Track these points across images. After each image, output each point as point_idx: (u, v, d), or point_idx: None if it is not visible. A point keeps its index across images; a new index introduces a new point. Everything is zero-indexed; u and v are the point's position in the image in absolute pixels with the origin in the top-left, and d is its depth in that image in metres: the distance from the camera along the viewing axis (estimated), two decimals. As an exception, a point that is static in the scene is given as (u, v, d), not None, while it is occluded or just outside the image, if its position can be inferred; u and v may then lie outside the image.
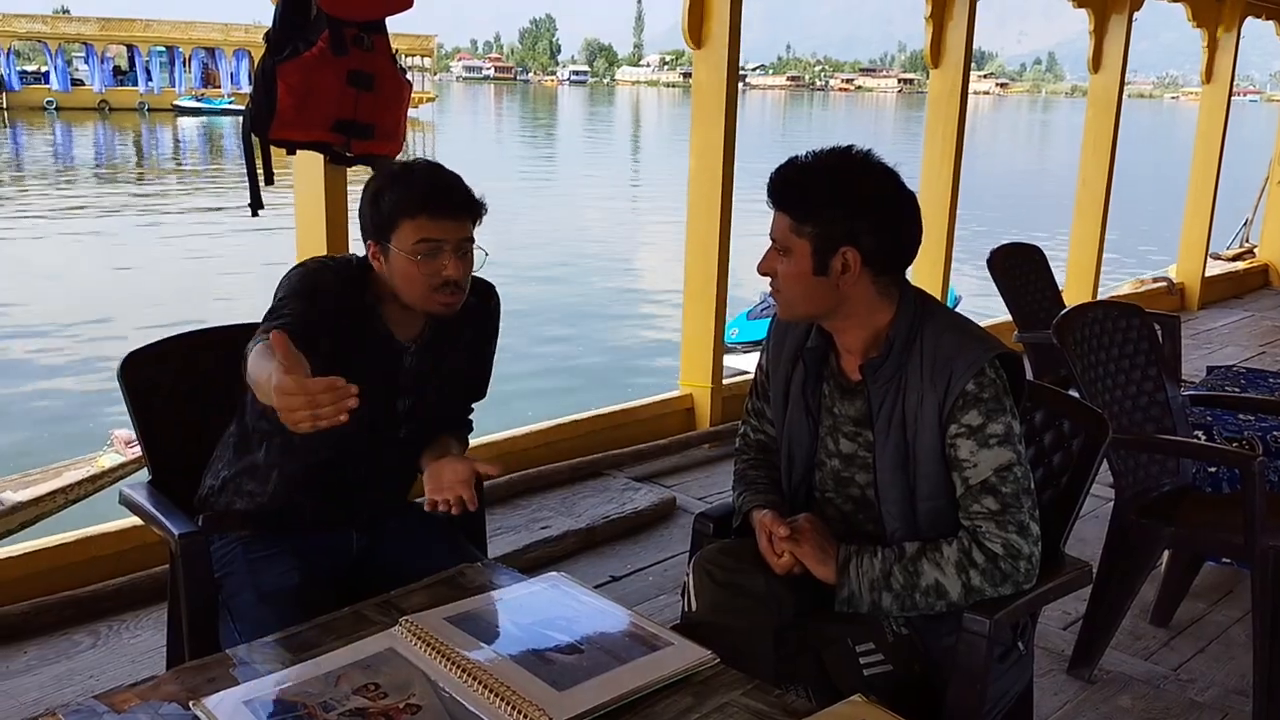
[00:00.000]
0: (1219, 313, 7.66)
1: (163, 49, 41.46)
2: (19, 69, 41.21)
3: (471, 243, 1.82)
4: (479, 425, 2.15)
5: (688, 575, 1.80)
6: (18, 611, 2.73)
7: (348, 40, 2.55)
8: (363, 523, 1.98)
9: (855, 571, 1.69)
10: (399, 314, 1.85)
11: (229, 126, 35.13)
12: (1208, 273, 7.96)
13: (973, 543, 1.66)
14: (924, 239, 1.75)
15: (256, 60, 2.62)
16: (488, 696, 1.31)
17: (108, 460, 5.28)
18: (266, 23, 2.56)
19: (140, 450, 2.06)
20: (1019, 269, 4.49)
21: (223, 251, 14.34)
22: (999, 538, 1.65)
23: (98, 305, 11.37)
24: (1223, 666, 2.83)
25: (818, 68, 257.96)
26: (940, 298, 5.17)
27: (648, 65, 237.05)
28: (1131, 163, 10.45)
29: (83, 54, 41.21)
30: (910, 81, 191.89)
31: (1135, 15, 6.48)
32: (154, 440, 2.01)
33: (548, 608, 1.59)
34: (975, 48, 5.54)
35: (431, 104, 47.23)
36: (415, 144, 31.23)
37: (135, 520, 2.11)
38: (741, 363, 7.03)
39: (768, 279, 1.76)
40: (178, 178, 24.57)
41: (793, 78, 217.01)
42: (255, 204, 2.72)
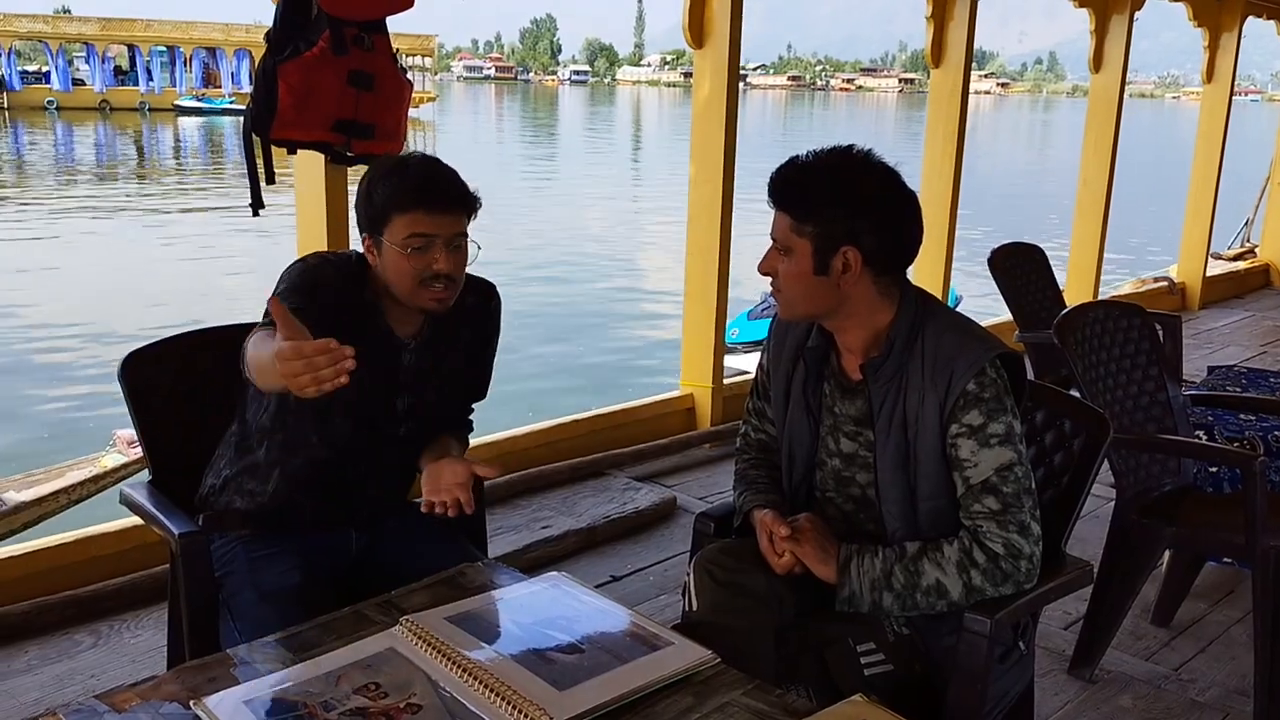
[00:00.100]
0: (1220, 312, 7.66)
1: (164, 49, 41.47)
2: (20, 69, 41.20)
3: (465, 237, 1.81)
4: (480, 425, 2.15)
5: (688, 575, 1.80)
6: (18, 611, 2.73)
7: (348, 40, 2.54)
8: (363, 522, 1.98)
9: (856, 571, 1.69)
10: (398, 310, 1.84)
11: (230, 126, 35.12)
12: (1209, 272, 7.96)
13: (974, 542, 1.66)
14: (924, 239, 1.75)
15: (257, 60, 2.62)
16: (488, 696, 1.31)
17: (110, 460, 5.27)
18: (267, 22, 2.56)
19: (141, 450, 2.06)
20: (1020, 269, 4.49)
21: (225, 252, 14.33)
22: (1000, 537, 1.65)
23: (99, 306, 11.35)
24: (1224, 666, 2.83)
25: (818, 67, 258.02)
26: (941, 297, 5.17)
27: (648, 65, 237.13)
28: (1133, 163, 10.44)
29: (84, 54, 41.21)
30: (911, 81, 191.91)
31: (1136, 15, 6.48)
32: (154, 440, 2.01)
33: (548, 607, 1.59)
34: (976, 47, 5.54)
35: (432, 104, 47.23)
36: (416, 144, 31.11)
37: (136, 520, 2.11)
38: (742, 363, 7.03)
39: (768, 279, 1.76)
40: (178, 177, 24.58)
41: (793, 77, 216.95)
42: (256, 204, 2.72)
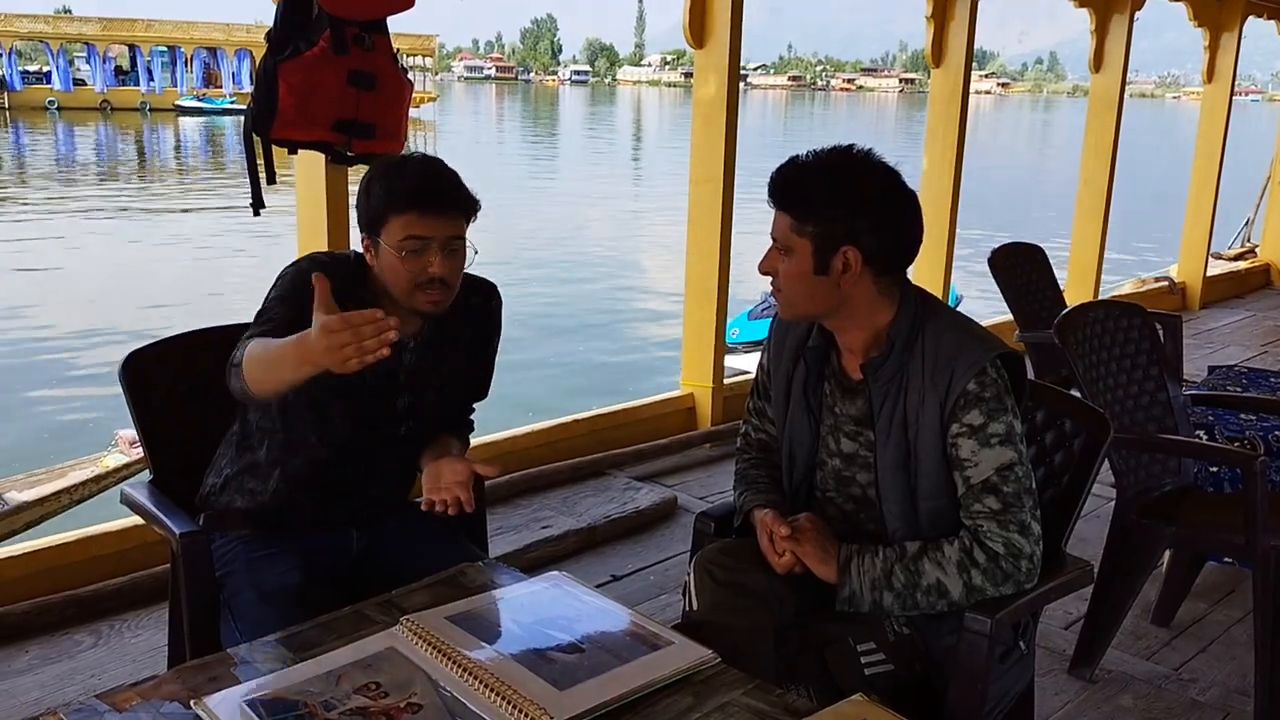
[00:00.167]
0: (1220, 312, 7.66)
1: (164, 49, 41.47)
2: (21, 69, 41.19)
3: (462, 240, 1.79)
4: (481, 425, 2.15)
5: (689, 574, 1.80)
6: (19, 611, 2.73)
7: (349, 40, 2.54)
8: (363, 522, 1.98)
9: (856, 571, 1.69)
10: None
11: (231, 126, 35.13)
12: (1209, 272, 7.97)
13: (974, 542, 1.66)
14: (925, 239, 1.75)
15: (258, 60, 2.62)
16: (489, 695, 1.31)
17: (112, 460, 5.28)
18: (268, 22, 2.56)
19: (142, 450, 2.06)
20: (1020, 268, 4.49)
21: (228, 252, 14.33)
22: (1000, 537, 1.65)
23: (102, 306, 11.34)
24: (1224, 666, 2.83)
25: (819, 67, 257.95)
26: (941, 297, 5.17)
27: (649, 65, 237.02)
28: (1133, 162, 10.44)
29: (84, 54, 41.22)
30: (912, 81, 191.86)
31: (1137, 15, 6.48)
32: (155, 440, 2.02)
33: (549, 607, 1.59)
34: (976, 47, 5.54)
35: (433, 104, 47.24)
36: (416, 143, 31.19)
37: (136, 520, 2.11)
38: (742, 362, 7.02)
39: (769, 278, 1.76)
40: (179, 177, 24.58)
41: (794, 77, 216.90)
42: (257, 203, 2.72)
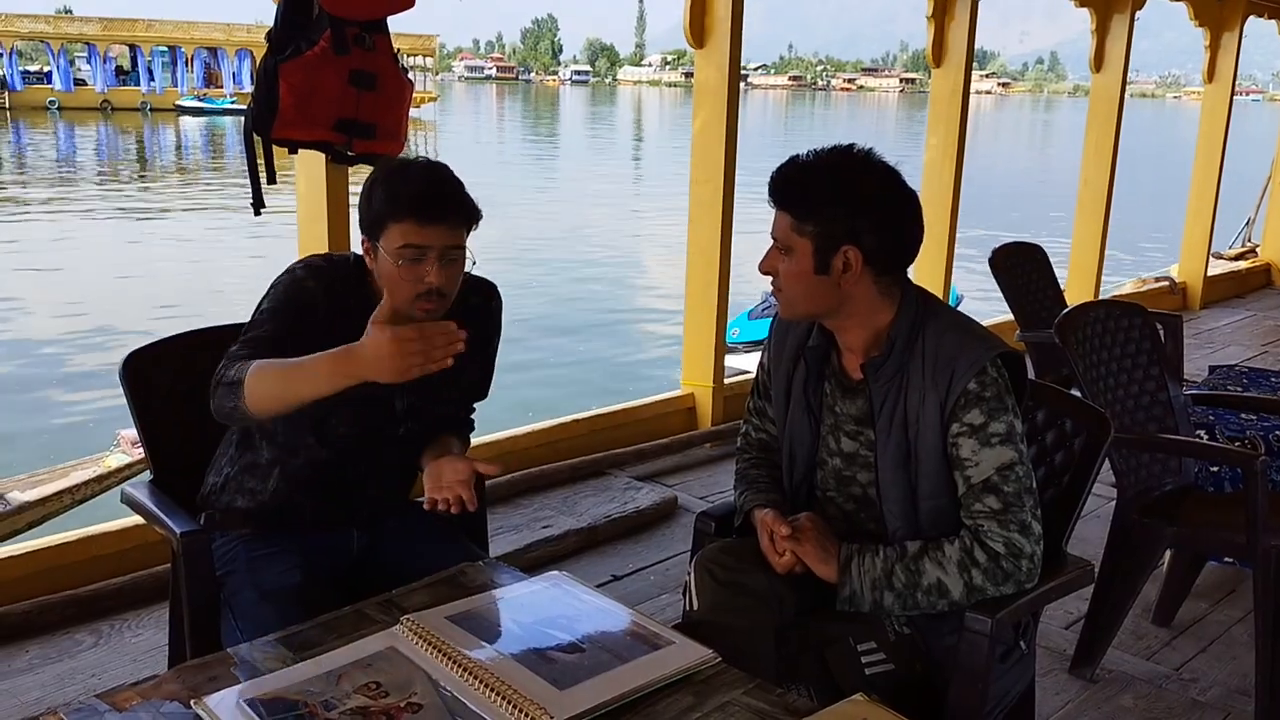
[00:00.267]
0: (1221, 312, 7.66)
1: (165, 49, 41.48)
2: (21, 69, 41.19)
3: (461, 250, 1.77)
4: (481, 425, 2.15)
5: (689, 574, 1.80)
6: (19, 611, 2.73)
7: (349, 40, 2.54)
8: (364, 521, 1.97)
9: (857, 570, 1.69)
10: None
11: (231, 126, 35.14)
12: (1210, 272, 7.97)
13: (975, 542, 1.66)
14: (925, 238, 1.75)
15: (259, 60, 2.62)
16: (489, 695, 1.31)
17: (114, 460, 5.28)
18: (268, 22, 2.56)
19: (143, 450, 2.06)
20: (1021, 268, 4.49)
21: (231, 252, 14.33)
22: (1001, 536, 1.65)
23: (104, 307, 11.34)
24: (1225, 666, 2.83)
25: (819, 67, 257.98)
26: (942, 297, 5.17)
27: (649, 65, 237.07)
28: (1134, 162, 10.44)
29: (85, 54, 41.22)
30: (912, 81, 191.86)
31: (1137, 14, 6.48)
32: (155, 439, 2.02)
33: (549, 607, 1.59)
34: (977, 47, 5.54)
35: (433, 104, 47.24)
36: (417, 143, 31.24)
37: (137, 519, 2.11)
38: (743, 362, 7.03)
39: (769, 278, 1.76)
40: (180, 177, 24.59)
41: (794, 77, 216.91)
42: (257, 203, 2.72)
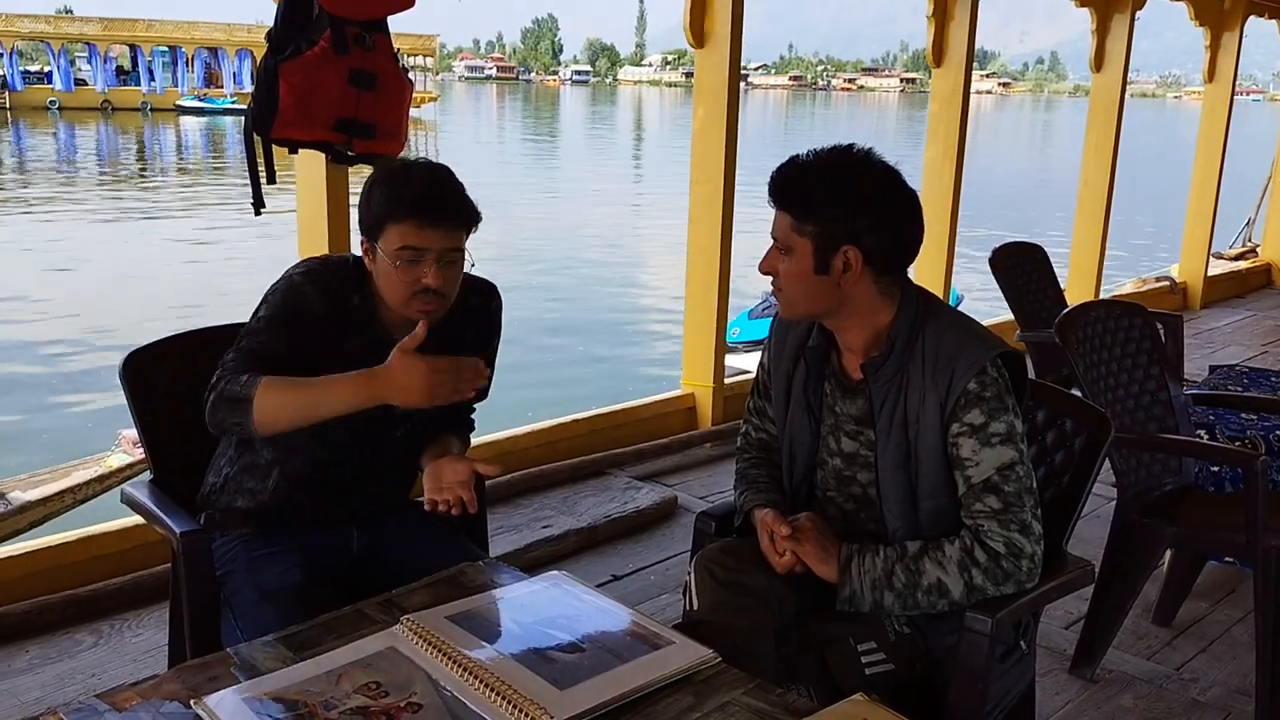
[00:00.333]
0: (1221, 312, 7.66)
1: (165, 49, 41.48)
2: (22, 69, 41.20)
3: (460, 252, 1.78)
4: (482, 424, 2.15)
5: (689, 574, 1.80)
6: (20, 610, 2.73)
7: (349, 39, 2.54)
8: (363, 521, 1.97)
9: (857, 570, 1.69)
10: (396, 316, 1.83)
11: (231, 126, 35.13)
12: (1210, 272, 7.97)
13: (975, 541, 1.66)
14: (925, 238, 1.75)
15: (259, 60, 2.62)
16: (489, 695, 1.31)
17: (116, 460, 5.27)
18: (269, 22, 2.56)
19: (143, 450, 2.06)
20: (1021, 268, 4.49)
21: (232, 251, 14.32)
22: (1001, 536, 1.65)
23: (107, 307, 11.33)
24: (1225, 666, 2.83)
25: (820, 67, 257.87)
26: (942, 297, 5.17)
27: (650, 65, 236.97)
28: (1134, 162, 10.43)
29: (85, 54, 41.22)
30: (913, 81, 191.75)
31: (1137, 14, 6.48)
32: (155, 439, 2.01)
33: (549, 606, 1.59)
34: (977, 47, 5.54)
35: (434, 104, 47.23)
36: (417, 143, 31.24)
37: (137, 519, 2.11)
38: (743, 362, 7.02)
39: (769, 278, 1.75)
40: (180, 177, 24.59)
41: (795, 77, 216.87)
42: (257, 203, 2.72)
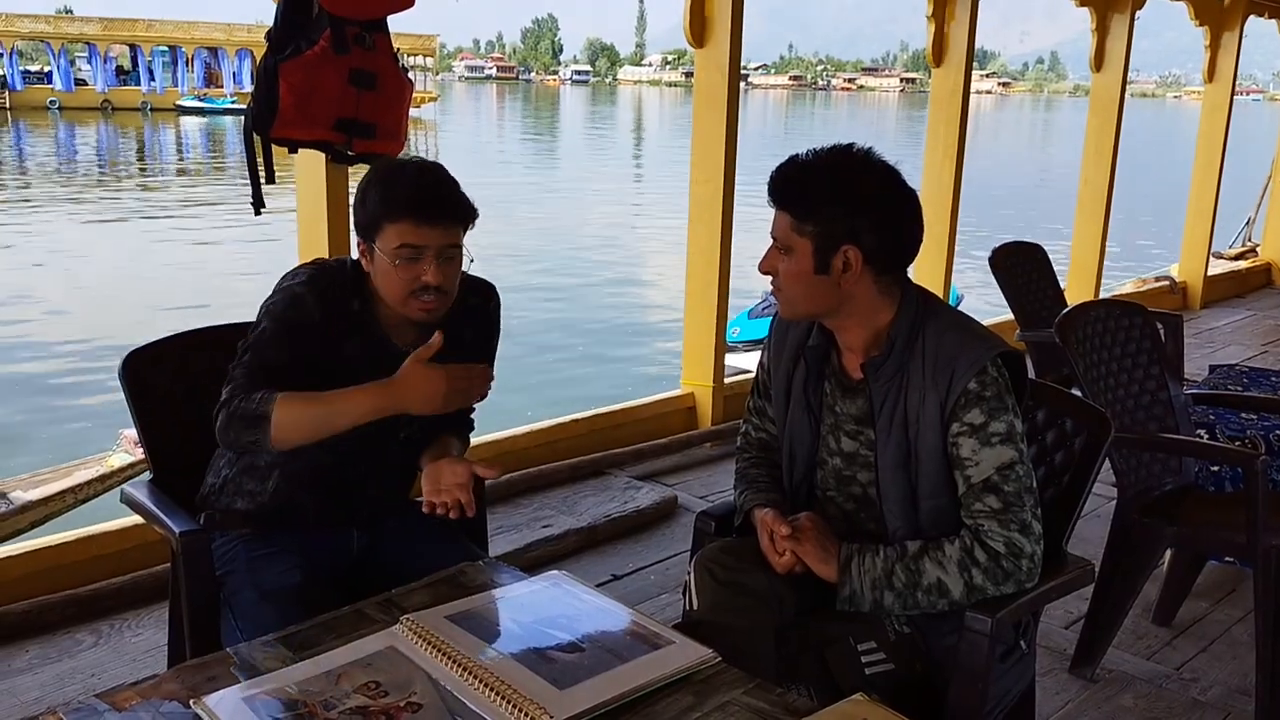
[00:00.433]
0: (1221, 312, 7.66)
1: (165, 49, 41.51)
2: (22, 69, 41.22)
3: (458, 249, 1.78)
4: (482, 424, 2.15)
5: (689, 574, 1.80)
6: (19, 610, 2.73)
7: (349, 39, 2.54)
8: (364, 521, 1.97)
9: (857, 570, 1.69)
10: (396, 318, 1.83)
11: (232, 126, 35.13)
12: (1210, 272, 7.97)
13: (975, 541, 1.66)
14: (925, 238, 1.75)
15: (259, 60, 2.62)
16: (488, 695, 1.31)
17: (117, 460, 5.27)
18: (269, 22, 2.56)
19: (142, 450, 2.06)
20: (1021, 267, 4.49)
21: (229, 251, 14.32)
22: (1001, 536, 1.65)
23: (105, 307, 11.31)
24: (1225, 666, 2.82)
25: (820, 67, 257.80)
26: (942, 296, 5.17)
27: (650, 65, 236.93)
28: (1134, 162, 10.44)
29: (85, 54, 41.24)
30: (912, 81, 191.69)
31: (1137, 14, 6.48)
32: (155, 439, 2.01)
33: (549, 606, 1.59)
34: (977, 47, 5.54)
35: (434, 103, 47.23)
36: (417, 143, 31.24)
37: (137, 519, 2.11)
38: (743, 361, 7.02)
39: (769, 278, 1.75)
40: (180, 177, 24.60)
41: (795, 77, 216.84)
42: (257, 202, 2.72)
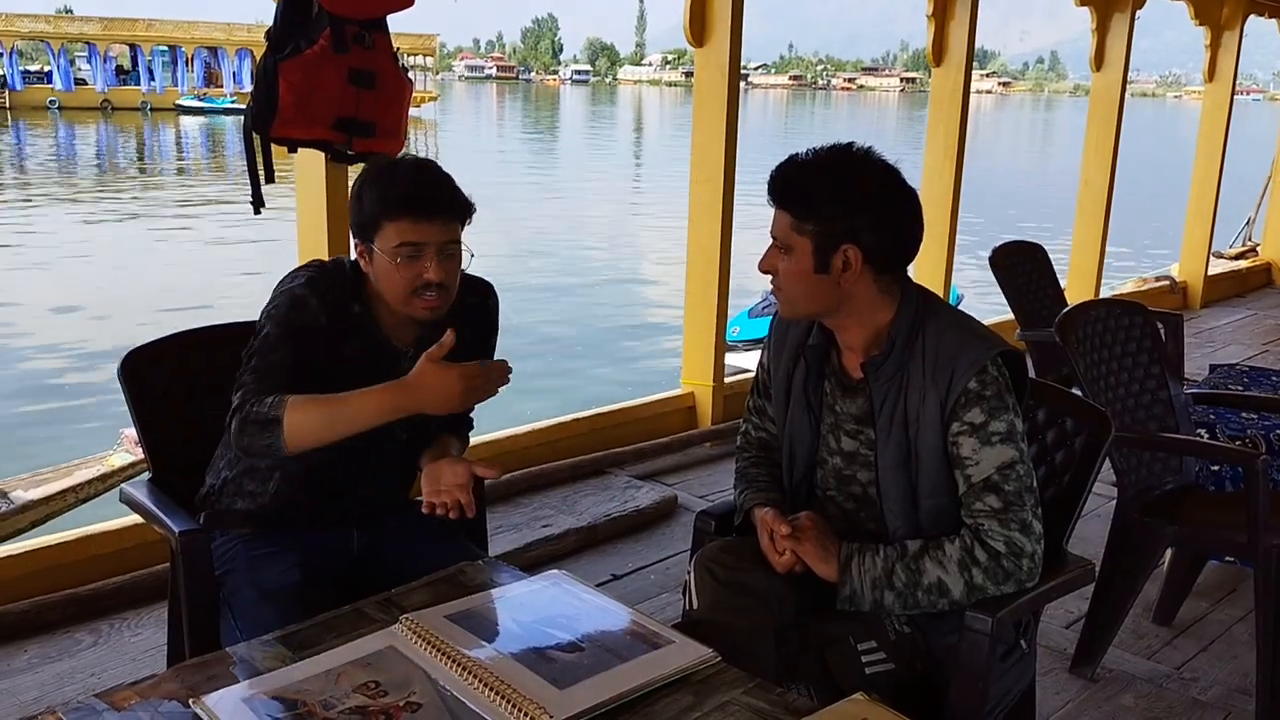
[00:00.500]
0: (1222, 311, 7.66)
1: (165, 48, 41.50)
2: (22, 69, 41.22)
3: (457, 244, 1.78)
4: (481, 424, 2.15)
5: (689, 573, 1.80)
6: (19, 610, 2.73)
7: (349, 38, 2.54)
8: (364, 522, 1.97)
9: (857, 570, 1.69)
10: (395, 318, 1.82)
11: (231, 125, 35.12)
12: (1210, 271, 7.96)
13: (975, 541, 1.65)
14: (925, 237, 1.74)
15: (258, 59, 2.62)
16: (488, 694, 1.31)
17: (118, 459, 5.27)
18: (269, 21, 2.56)
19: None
20: (1021, 267, 4.49)
21: (230, 251, 14.32)
22: (1001, 535, 1.64)
23: (105, 308, 11.30)
24: (1226, 665, 2.82)
25: (820, 67, 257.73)
26: (942, 296, 5.17)
27: (650, 64, 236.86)
28: (1134, 161, 10.44)
29: (85, 53, 41.23)
30: (913, 80, 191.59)
31: (1138, 13, 6.48)
32: (154, 438, 2.01)
33: (549, 606, 1.59)
34: (977, 46, 5.54)
35: (434, 103, 47.22)
36: (417, 143, 31.23)
37: (136, 518, 2.11)
38: (743, 361, 7.03)
39: (769, 277, 1.75)
40: (181, 176, 24.60)
41: (795, 77, 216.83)
42: (257, 202, 2.72)
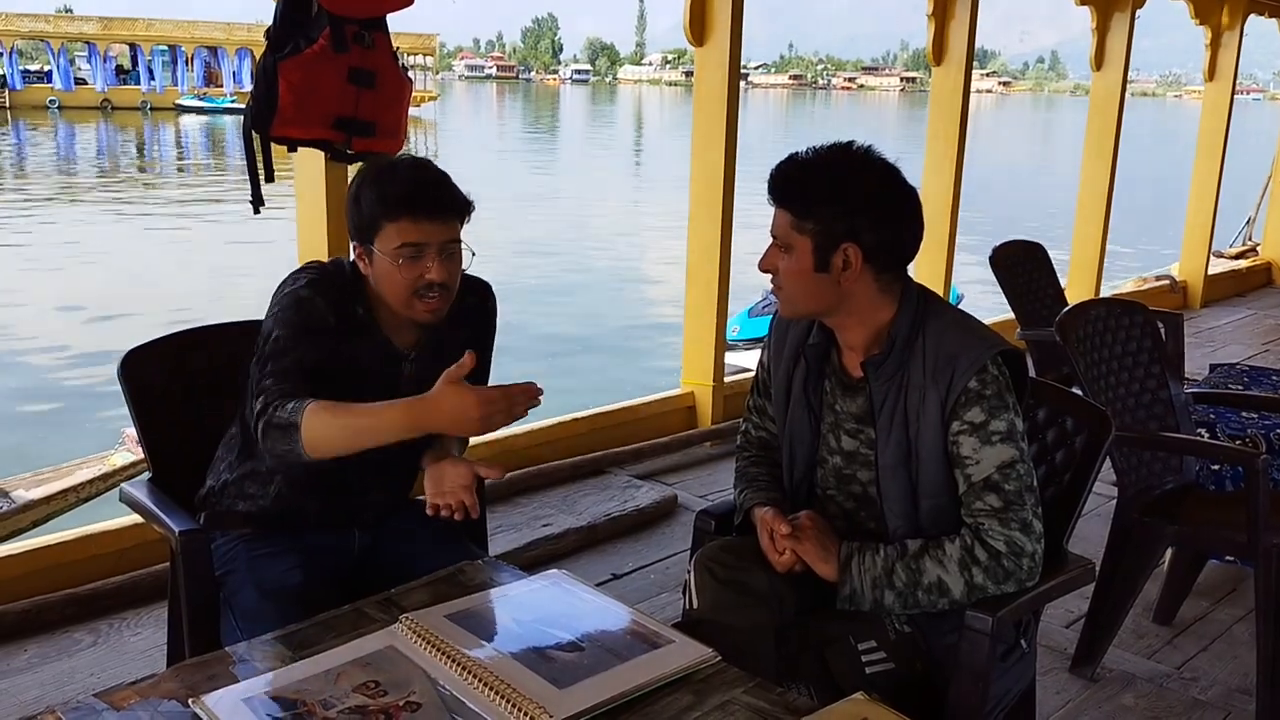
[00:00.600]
0: (1222, 311, 7.66)
1: (165, 48, 41.52)
2: (22, 68, 41.25)
3: (458, 243, 1.77)
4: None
5: (689, 573, 1.80)
6: (18, 609, 2.73)
7: (349, 37, 2.54)
8: (365, 522, 1.97)
9: (857, 569, 1.68)
10: (395, 320, 1.81)
11: (231, 125, 35.12)
12: (1210, 271, 7.96)
13: (975, 540, 1.65)
14: (926, 237, 1.74)
15: (258, 58, 2.62)
16: (488, 694, 1.31)
17: (119, 459, 5.26)
18: (268, 21, 2.56)
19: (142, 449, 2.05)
20: (1021, 266, 4.49)
21: (230, 250, 14.32)
22: (1002, 535, 1.64)
23: (105, 307, 11.30)
24: (1226, 665, 2.82)
25: (820, 66, 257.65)
26: (943, 295, 5.16)
27: (650, 64, 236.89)
28: (1134, 161, 10.45)
29: (85, 53, 41.26)
30: (913, 80, 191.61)
31: (1138, 13, 6.48)
32: (154, 438, 2.01)
33: (548, 605, 1.59)
34: (978, 46, 5.54)
35: (434, 103, 47.22)
36: (417, 142, 31.23)
37: (136, 518, 2.10)
38: (743, 360, 7.02)
39: (769, 276, 1.75)
40: (181, 176, 24.60)
41: (795, 76, 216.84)
42: (256, 201, 2.72)
